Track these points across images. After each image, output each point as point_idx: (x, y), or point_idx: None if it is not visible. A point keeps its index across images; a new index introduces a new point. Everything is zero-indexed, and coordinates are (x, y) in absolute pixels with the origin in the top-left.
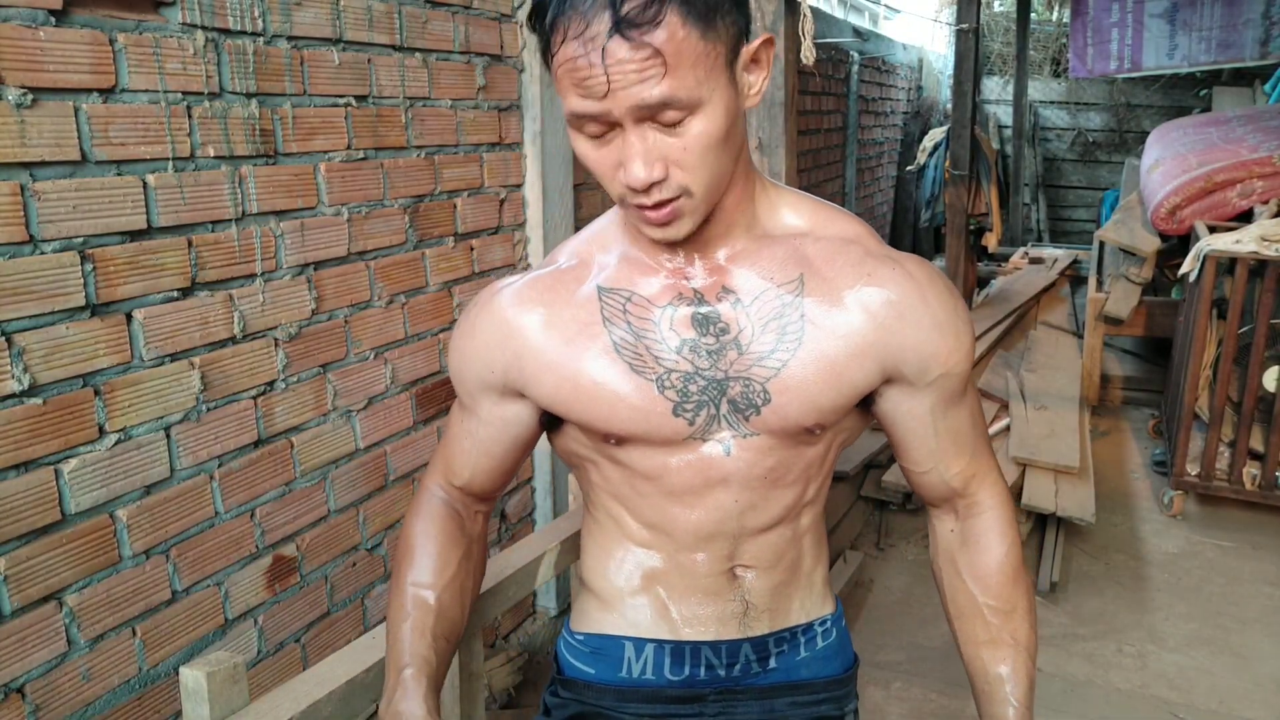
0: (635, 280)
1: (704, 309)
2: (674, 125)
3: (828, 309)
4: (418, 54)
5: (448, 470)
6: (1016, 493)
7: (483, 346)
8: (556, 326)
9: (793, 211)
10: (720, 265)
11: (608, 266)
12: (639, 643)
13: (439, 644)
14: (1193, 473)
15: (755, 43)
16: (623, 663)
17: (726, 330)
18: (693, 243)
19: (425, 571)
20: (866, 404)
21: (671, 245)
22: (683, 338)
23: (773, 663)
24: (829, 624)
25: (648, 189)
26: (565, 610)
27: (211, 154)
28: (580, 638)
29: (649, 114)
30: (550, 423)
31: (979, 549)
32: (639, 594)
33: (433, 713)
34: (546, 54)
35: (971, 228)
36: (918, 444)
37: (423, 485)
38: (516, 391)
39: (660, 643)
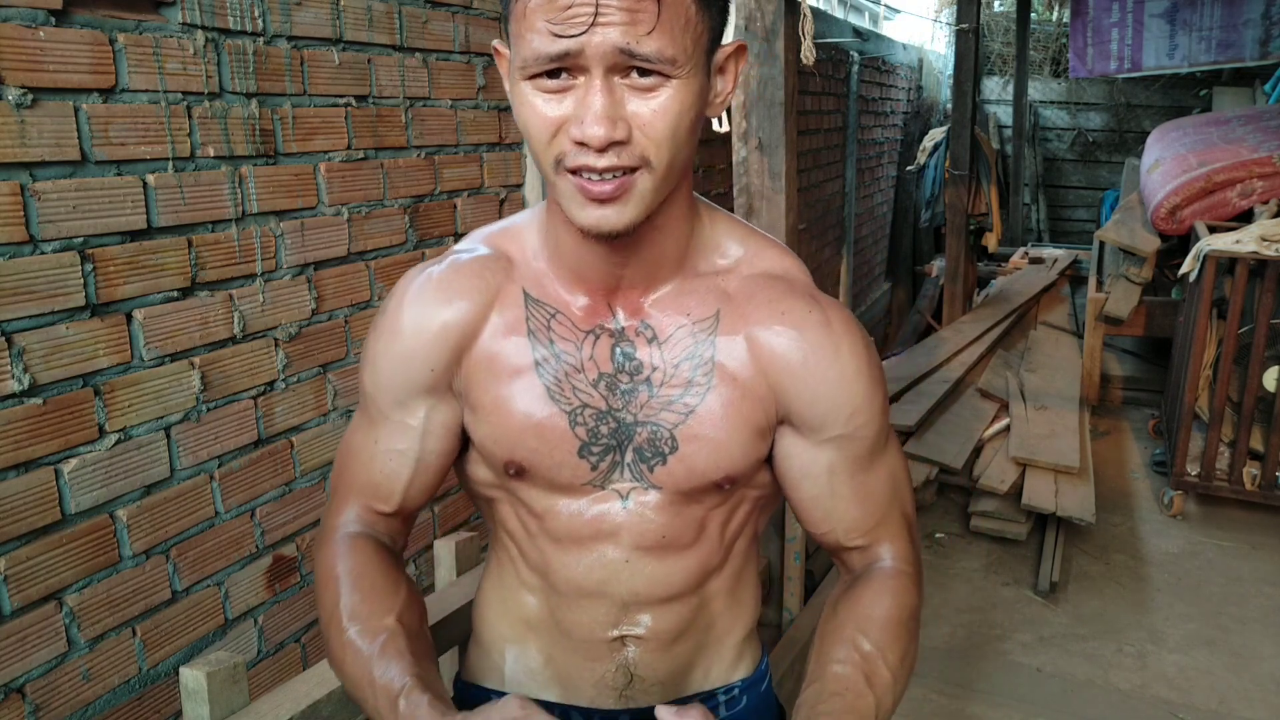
0: (561, 297)
1: (623, 343)
2: (646, 90)
3: (738, 349)
4: (418, 54)
5: (369, 499)
6: (1016, 493)
7: (416, 343)
8: (486, 321)
9: (726, 244)
10: (640, 305)
11: (529, 273)
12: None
13: (424, 663)
14: (1193, 473)
15: (730, 46)
16: None
17: (640, 369)
18: (615, 285)
19: (369, 606)
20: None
21: (591, 285)
22: (601, 371)
23: None
24: (737, 691)
25: (604, 149)
26: None
27: (211, 154)
28: (458, 685)
29: (626, 64)
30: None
31: (865, 591)
32: (516, 645)
33: (452, 713)
34: None
35: (971, 228)
36: (810, 504)
37: (329, 525)
38: (455, 392)
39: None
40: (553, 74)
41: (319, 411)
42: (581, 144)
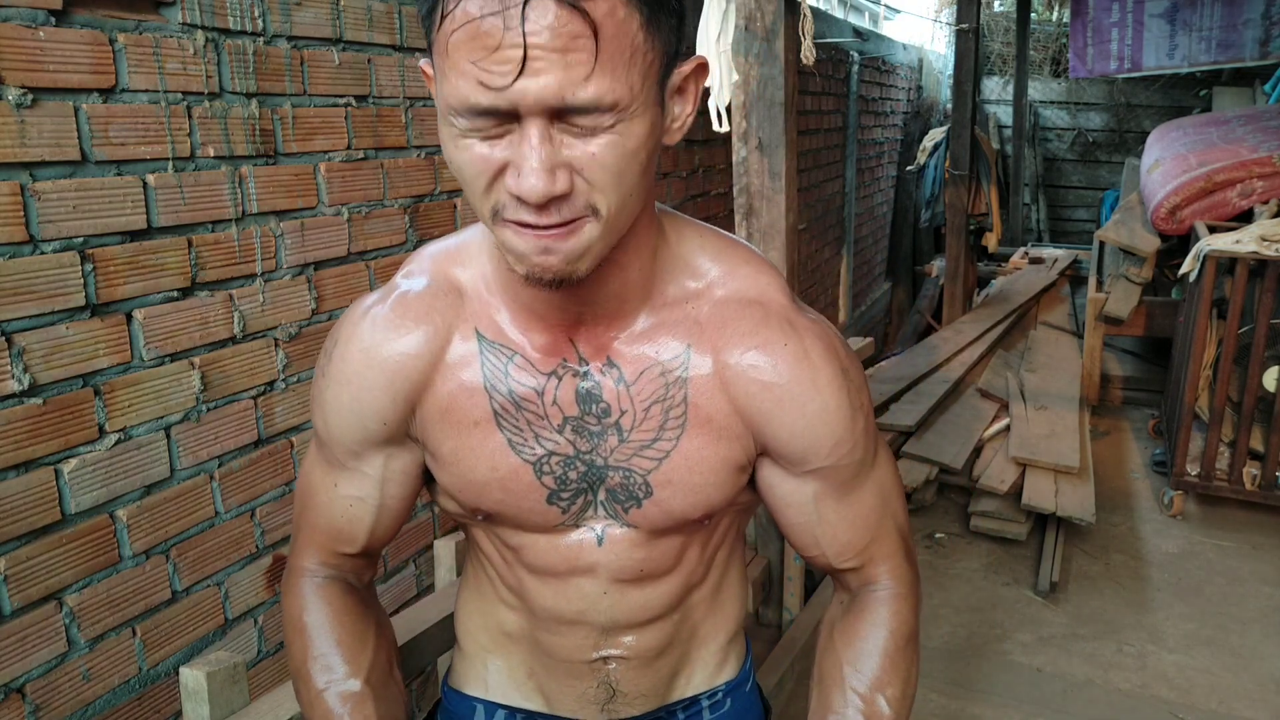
0: (517, 336)
1: (588, 383)
2: (588, 132)
3: (712, 386)
4: (418, 54)
5: (331, 542)
6: (1016, 493)
7: (365, 395)
8: (438, 366)
9: (696, 262)
10: (606, 341)
11: (481, 307)
12: (490, 707)
13: None
14: (1193, 473)
15: (689, 65)
16: None
17: (608, 412)
18: (575, 321)
19: (338, 664)
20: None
21: (550, 322)
22: (566, 415)
23: None
24: (720, 695)
25: (545, 205)
26: None
27: (211, 154)
28: (445, 691)
29: (563, 112)
30: (428, 477)
31: (861, 622)
32: (499, 656)
33: None
34: (430, 16)
35: (971, 228)
36: (800, 531)
37: (295, 569)
38: (412, 438)
39: (513, 710)
40: (484, 113)
41: None
42: (518, 198)
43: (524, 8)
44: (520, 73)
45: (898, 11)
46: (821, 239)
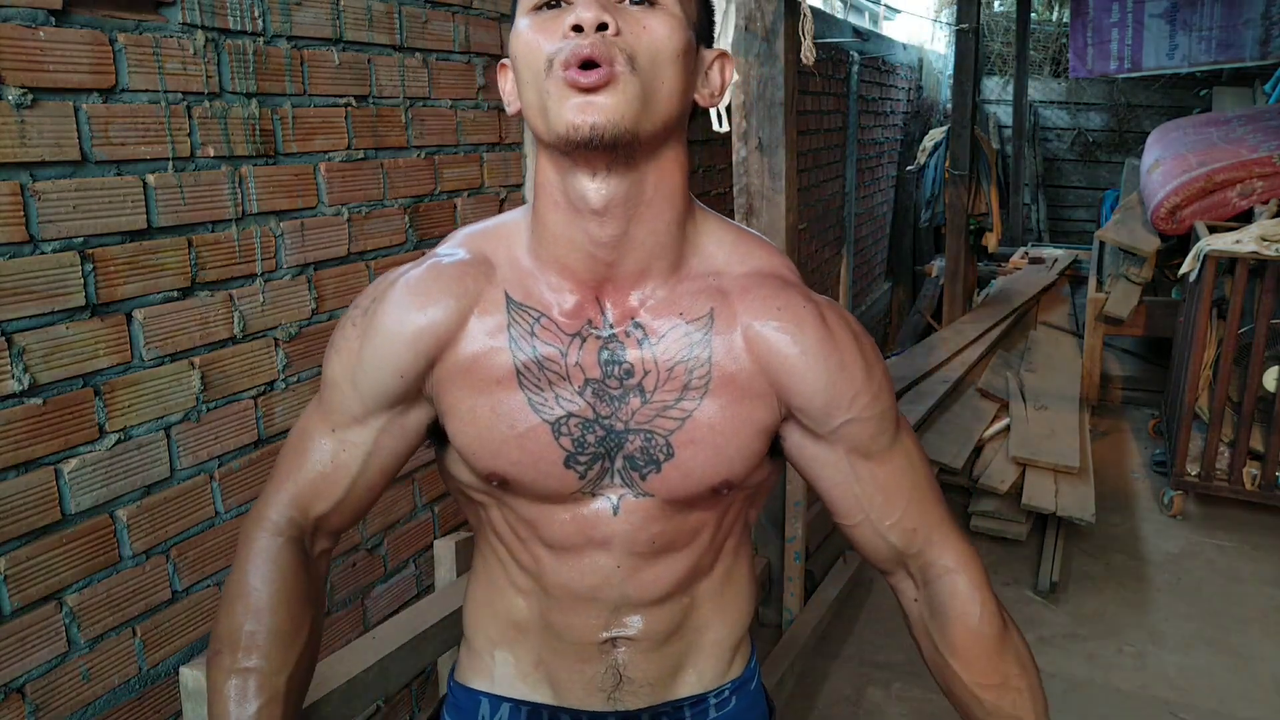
0: (545, 298)
1: (611, 346)
2: (638, 5)
3: (736, 347)
4: (418, 54)
5: (302, 499)
6: (1016, 493)
7: (387, 348)
8: (464, 326)
9: (715, 244)
10: (632, 306)
11: (512, 275)
12: (495, 700)
13: None
14: (1193, 473)
15: (714, 51)
16: None
17: (631, 373)
18: (604, 278)
19: (267, 650)
20: (777, 452)
21: (579, 278)
22: (588, 377)
23: None
24: (727, 693)
25: (596, 29)
26: None
27: (211, 154)
28: (452, 686)
29: None
30: (439, 445)
31: (950, 618)
32: (506, 648)
33: None
34: None
35: (971, 228)
36: (839, 492)
37: (258, 516)
38: (425, 397)
39: (518, 703)
40: (552, 5)
41: None
42: (575, 28)
43: None
44: None
45: (898, 11)
46: (821, 239)
